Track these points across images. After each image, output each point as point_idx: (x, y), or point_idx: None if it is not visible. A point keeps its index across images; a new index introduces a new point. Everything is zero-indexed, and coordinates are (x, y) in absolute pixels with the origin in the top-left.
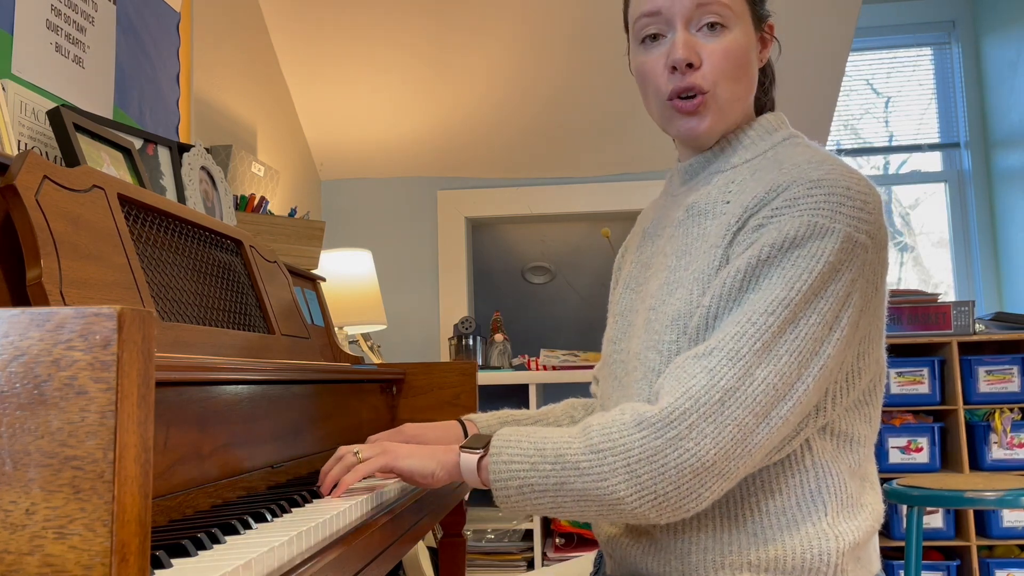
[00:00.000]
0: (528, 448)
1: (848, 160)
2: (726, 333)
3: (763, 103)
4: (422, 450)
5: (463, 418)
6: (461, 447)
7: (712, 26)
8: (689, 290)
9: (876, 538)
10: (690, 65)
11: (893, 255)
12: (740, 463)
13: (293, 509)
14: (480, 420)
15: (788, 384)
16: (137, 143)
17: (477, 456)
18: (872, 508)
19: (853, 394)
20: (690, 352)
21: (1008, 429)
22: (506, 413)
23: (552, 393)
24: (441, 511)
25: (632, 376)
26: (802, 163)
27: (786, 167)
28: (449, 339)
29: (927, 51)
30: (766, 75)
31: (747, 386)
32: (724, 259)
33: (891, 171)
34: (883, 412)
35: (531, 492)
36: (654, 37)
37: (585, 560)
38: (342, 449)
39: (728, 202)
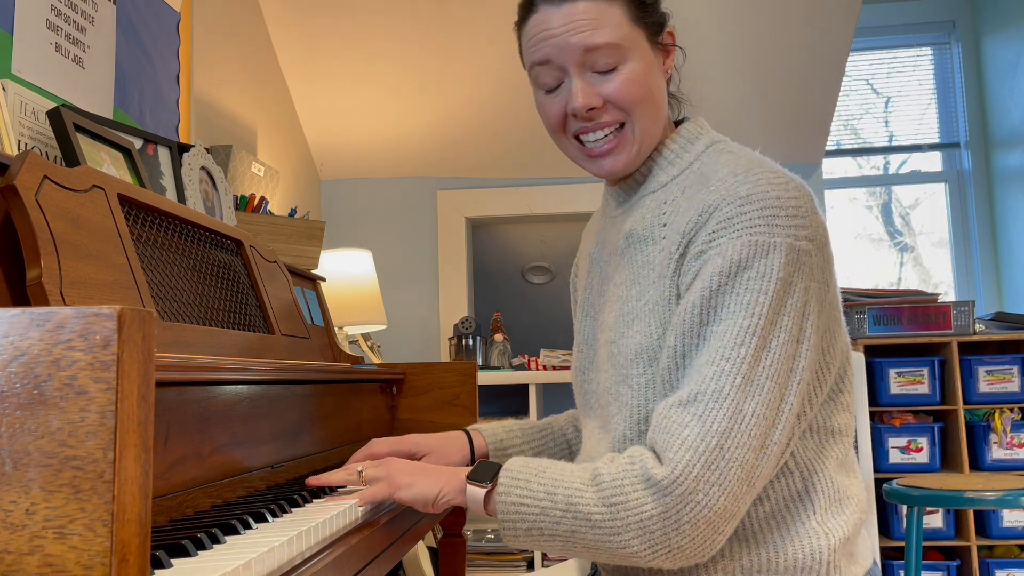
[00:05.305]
0: (538, 491)
1: (848, 160)
2: (703, 375)
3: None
4: (425, 478)
5: (469, 428)
6: (468, 478)
7: (607, 70)
8: (647, 323)
9: (866, 533)
10: (592, 109)
11: (893, 255)
12: (747, 499)
13: (293, 509)
14: (486, 430)
15: (774, 409)
16: (137, 143)
17: (484, 490)
18: (857, 499)
19: (826, 388)
20: (672, 400)
21: (1008, 429)
22: (511, 422)
23: (552, 393)
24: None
25: (608, 411)
26: (727, 177)
27: (713, 184)
28: (449, 339)
29: (927, 51)
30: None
31: (740, 424)
32: (673, 288)
33: (891, 171)
34: (883, 412)
35: (540, 536)
36: (552, 87)
37: (584, 560)
38: (350, 466)
39: (664, 224)
